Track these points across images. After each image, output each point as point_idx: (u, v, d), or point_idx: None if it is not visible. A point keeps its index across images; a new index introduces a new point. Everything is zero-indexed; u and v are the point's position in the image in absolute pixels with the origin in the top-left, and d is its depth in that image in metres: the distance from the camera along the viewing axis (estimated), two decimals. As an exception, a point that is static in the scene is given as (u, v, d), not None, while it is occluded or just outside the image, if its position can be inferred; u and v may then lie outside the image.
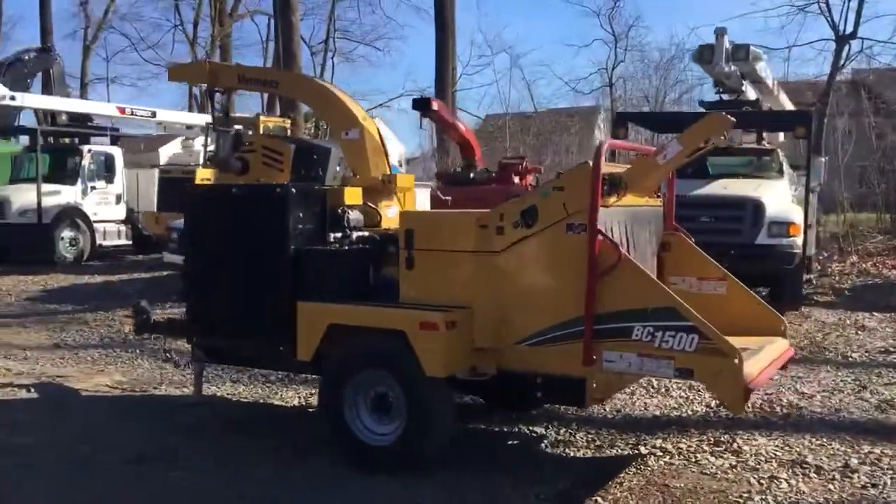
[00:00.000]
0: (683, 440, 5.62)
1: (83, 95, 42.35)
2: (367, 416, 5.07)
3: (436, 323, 4.75)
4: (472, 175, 12.83)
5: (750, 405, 6.45)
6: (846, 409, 6.39)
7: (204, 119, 17.46)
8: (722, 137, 5.05)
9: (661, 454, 5.35)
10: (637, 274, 4.60)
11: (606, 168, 5.01)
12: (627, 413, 6.30)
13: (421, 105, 14.49)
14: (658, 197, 5.76)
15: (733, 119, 4.99)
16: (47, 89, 22.27)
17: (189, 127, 20.23)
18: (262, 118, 16.64)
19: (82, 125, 18.29)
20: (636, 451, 5.42)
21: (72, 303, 11.53)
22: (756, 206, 11.07)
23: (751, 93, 12.85)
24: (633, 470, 5.09)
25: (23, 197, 16.46)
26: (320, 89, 6.15)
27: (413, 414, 4.87)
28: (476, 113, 50.55)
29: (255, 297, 5.38)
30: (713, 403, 6.47)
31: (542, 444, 5.59)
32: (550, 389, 4.92)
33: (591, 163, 4.71)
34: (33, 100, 18.14)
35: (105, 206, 17.55)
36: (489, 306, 4.95)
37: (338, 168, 6.31)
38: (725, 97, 12.87)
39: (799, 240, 11.07)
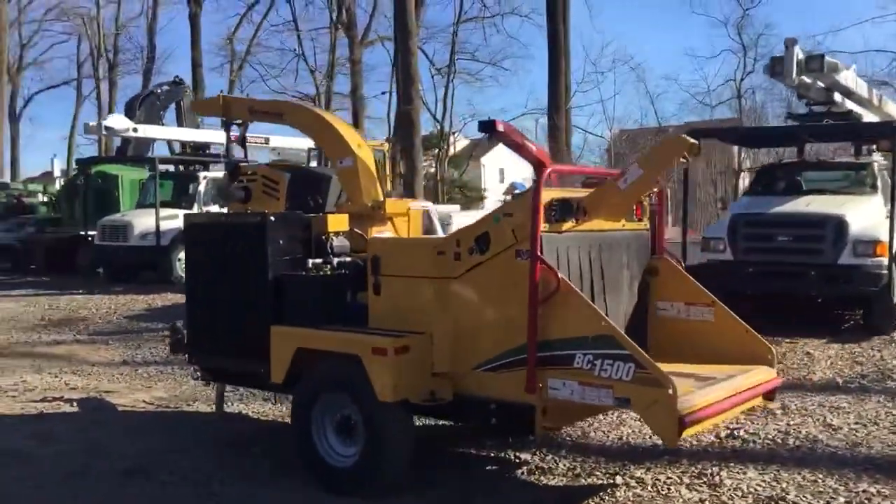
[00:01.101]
0: (668, 471, 5.44)
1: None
2: (333, 438, 5.21)
3: (385, 348, 4.85)
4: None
5: (761, 436, 6.17)
6: (868, 444, 5.98)
7: (308, 143, 18.12)
8: (683, 160, 4.91)
9: (636, 485, 5.21)
10: (577, 301, 4.54)
11: (560, 193, 4.99)
12: (628, 441, 6.15)
13: (486, 127, 14.64)
14: (640, 220, 5.63)
15: (693, 141, 4.84)
16: (179, 120, 23.78)
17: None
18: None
19: (202, 153, 19.42)
20: (611, 482, 5.29)
21: (163, 321, 12.24)
22: (838, 224, 10.49)
23: (848, 104, 12.19)
24: (597, 500, 4.99)
25: (143, 221, 17.63)
26: (317, 119, 6.37)
27: (369, 437, 4.99)
28: (590, 130, 49.91)
29: (240, 320, 5.66)
30: (722, 434, 6.23)
31: (520, 471, 5.55)
32: (503, 416, 4.91)
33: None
34: (153, 131, 19.46)
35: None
36: (447, 331, 5.00)
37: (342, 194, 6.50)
38: (817, 109, 12.30)
39: (886, 260, 10.40)
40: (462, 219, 14.02)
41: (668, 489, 5.12)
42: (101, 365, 9.27)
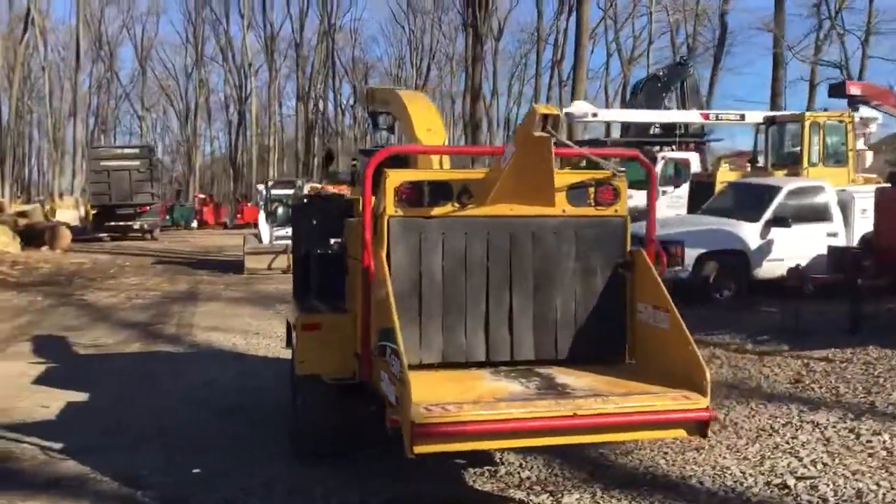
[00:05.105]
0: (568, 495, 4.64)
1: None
2: (303, 402, 5.64)
3: (296, 324, 5.15)
4: (918, 174, 10.33)
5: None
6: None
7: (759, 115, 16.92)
8: (542, 133, 4.07)
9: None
10: (380, 289, 4.32)
11: (441, 175, 4.74)
12: (636, 464, 5.22)
13: (837, 90, 11.81)
14: (598, 206, 4.78)
15: (548, 112, 4.09)
16: (683, 101, 23.80)
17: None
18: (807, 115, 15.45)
19: (668, 134, 19.40)
20: (538, 500, 4.70)
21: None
22: None
23: None
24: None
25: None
26: (400, 105, 6.56)
27: (296, 405, 5.36)
28: None
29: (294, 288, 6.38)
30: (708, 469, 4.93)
31: (479, 470, 5.17)
32: (379, 403, 4.83)
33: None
34: (611, 114, 20.02)
35: (673, 209, 18.33)
36: (365, 312, 5.04)
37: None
38: None
39: None
40: (866, 201, 11.94)
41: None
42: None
